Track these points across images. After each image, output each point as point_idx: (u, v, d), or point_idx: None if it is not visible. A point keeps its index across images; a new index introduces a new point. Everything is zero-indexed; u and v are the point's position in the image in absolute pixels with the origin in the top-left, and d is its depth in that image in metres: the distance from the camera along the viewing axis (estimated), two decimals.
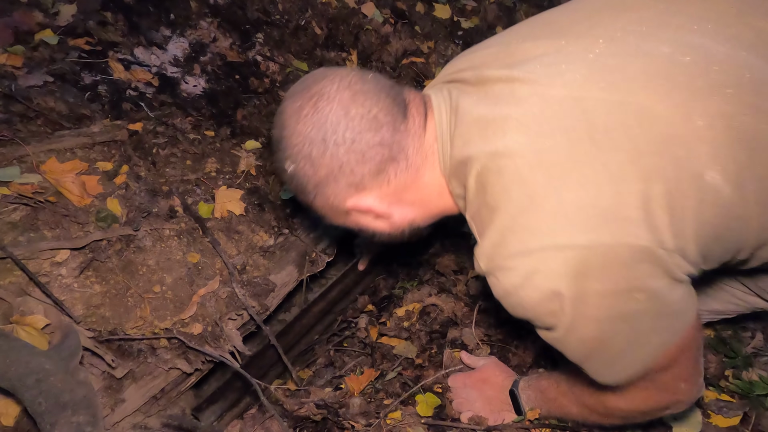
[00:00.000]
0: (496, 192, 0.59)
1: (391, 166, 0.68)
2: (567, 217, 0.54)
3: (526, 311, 0.61)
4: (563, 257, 0.54)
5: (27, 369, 0.79)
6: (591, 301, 0.56)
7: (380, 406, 1.06)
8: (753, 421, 1.01)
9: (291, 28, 1.58)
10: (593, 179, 0.54)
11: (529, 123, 0.58)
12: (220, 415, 1.21)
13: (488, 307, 1.27)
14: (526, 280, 0.57)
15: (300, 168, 0.69)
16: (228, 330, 1.15)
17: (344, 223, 0.78)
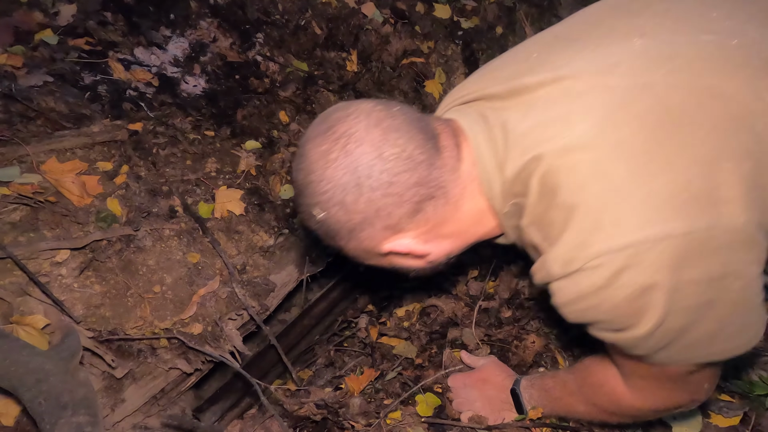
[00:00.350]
0: (572, 190, 0.54)
1: (430, 204, 0.64)
2: (659, 206, 0.51)
3: (601, 314, 0.57)
4: (659, 249, 0.50)
5: (27, 369, 0.79)
6: (686, 291, 0.53)
7: (380, 406, 1.06)
8: (753, 421, 1.01)
9: (291, 28, 1.58)
10: (680, 163, 0.51)
11: (598, 114, 0.54)
12: (221, 416, 1.21)
13: (488, 307, 1.28)
14: (614, 279, 0.53)
15: (332, 215, 0.63)
16: (228, 330, 1.15)
17: (378, 263, 0.74)
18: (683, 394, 0.70)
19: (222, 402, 1.20)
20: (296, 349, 1.47)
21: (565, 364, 1.15)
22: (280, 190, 1.35)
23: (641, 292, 0.52)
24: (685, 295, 0.53)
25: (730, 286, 0.53)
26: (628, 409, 0.76)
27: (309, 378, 1.36)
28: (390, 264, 0.74)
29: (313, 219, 0.66)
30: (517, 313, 1.25)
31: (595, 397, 0.80)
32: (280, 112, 1.47)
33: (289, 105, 1.49)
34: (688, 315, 0.54)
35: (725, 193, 0.51)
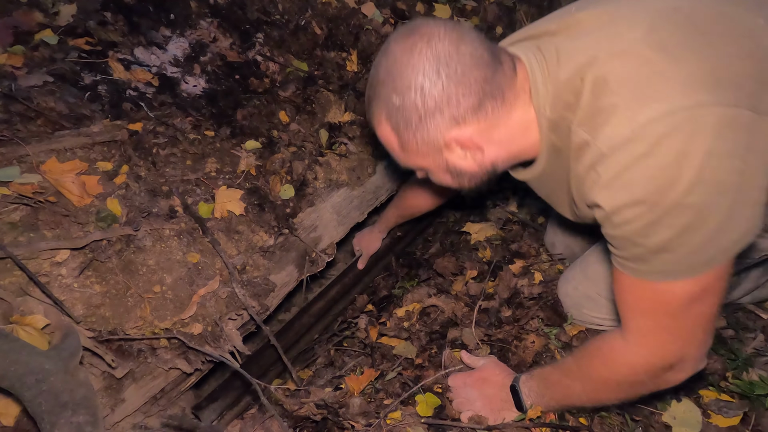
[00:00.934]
0: (621, 77, 0.64)
1: (489, 102, 0.74)
2: (694, 83, 0.61)
3: (635, 190, 0.63)
4: (695, 116, 0.59)
5: (27, 369, 0.79)
6: (713, 164, 0.60)
7: (380, 406, 1.06)
8: (753, 421, 1.02)
9: (291, 28, 1.58)
10: (707, 56, 0.62)
11: (642, 27, 0.66)
12: (220, 413, 1.22)
13: (488, 307, 1.28)
14: (654, 147, 0.61)
15: (410, 99, 0.73)
16: (228, 330, 1.15)
17: (431, 164, 0.82)
18: (677, 341, 0.73)
19: (221, 400, 1.20)
20: (296, 349, 1.47)
21: None
22: (280, 190, 1.35)
23: (676, 158, 0.60)
24: (712, 168, 0.60)
25: (739, 167, 0.61)
26: (622, 368, 0.79)
27: (309, 378, 1.36)
28: (443, 164, 0.82)
29: (389, 108, 0.76)
30: (517, 313, 1.25)
31: (591, 368, 0.85)
32: (280, 112, 1.47)
33: (289, 105, 1.49)
34: (708, 192, 0.61)
35: (747, 84, 0.62)
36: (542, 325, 1.21)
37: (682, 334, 0.73)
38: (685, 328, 0.73)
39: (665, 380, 0.79)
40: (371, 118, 0.82)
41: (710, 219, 0.63)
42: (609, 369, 0.82)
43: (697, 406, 1.04)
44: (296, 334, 1.44)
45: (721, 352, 1.16)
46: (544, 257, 1.46)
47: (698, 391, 1.10)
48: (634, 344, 0.77)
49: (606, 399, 0.88)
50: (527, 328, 1.21)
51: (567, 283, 1.24)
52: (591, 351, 0.86)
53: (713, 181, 0.61)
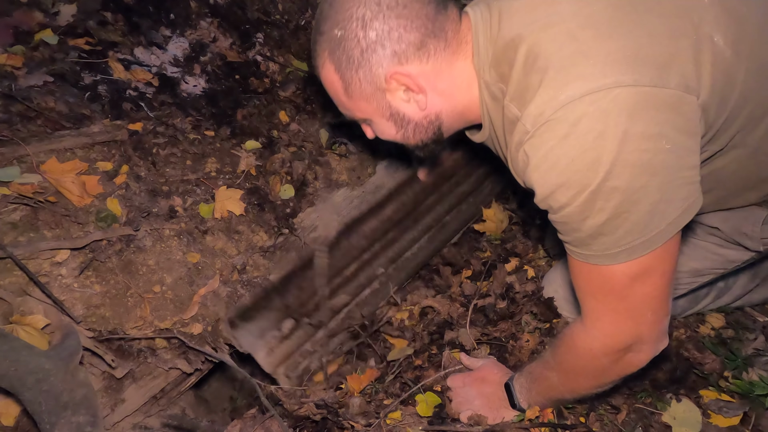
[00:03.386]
0: (549, 54, 0.64)
1: (432, 42, 0.73)
2: (615, 62, 0.61)
3: (561, 173, 0.64)
4: (612, 96, 0.60)
5: (27, 369, 0.79)
6: (631, 144, 0.60)
7: (380, 406, 1.06)
8: (753, 421, 1.02)
9: (291, 28, 1.58)
10: (635, 34, 0.63)
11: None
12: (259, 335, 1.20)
13: (484, 305, 1.27)
14: (574, 127, 0.61)
15: (350, 31, 0.72)
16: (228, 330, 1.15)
17: (374, 110, 0.80)
18: (627, 322, 0.74)
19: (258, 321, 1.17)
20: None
21: None
22: (280, 190, 1.35)
23: (595, 140, 0.60)
24: (630, 148, 0.60)
25: (663, 147, 0.61)
26: (583, 353, 0.81)
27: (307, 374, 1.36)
28: (386, 110, 0.80)
29: (331, 44, 0.75)
30: (511, 308, 1.25)
31: (560, 356, 0.87)
32: (280, 112, 1.47)
33: (289, 105, 1.49)
34: (632, 173, 0.62)
35: (666, 61, 0.62)
36: (534, 320, 1.22)
37: (631, 314, 0.74)
38: (634, 308, 0.73)
39: (628, 363, 0.79)
40: (316, 61, 0.81)
41: (641, 201, 0.63)
42: (574, 356, 0.84)
43: (697, 406, 1.04)
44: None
45: (720, 352, 1.16)
46: (541, 253, 1.46)
47: (698, 391, 1.10)
48: (591, 328, 0.78)
49: (579, 388, 0.89)
50: (522, 326, 1.21)
51: (548, 285, 1.26)
52: (560, 340, 0.88)
53: (635, 162, 0.61)
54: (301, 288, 1.25)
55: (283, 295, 1.22)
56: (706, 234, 1.00)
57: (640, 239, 0.66)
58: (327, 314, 1.26)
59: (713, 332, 1.25)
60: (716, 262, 1.03)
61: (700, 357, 1.14)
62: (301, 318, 1.22)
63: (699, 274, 1.07)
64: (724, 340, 1.21)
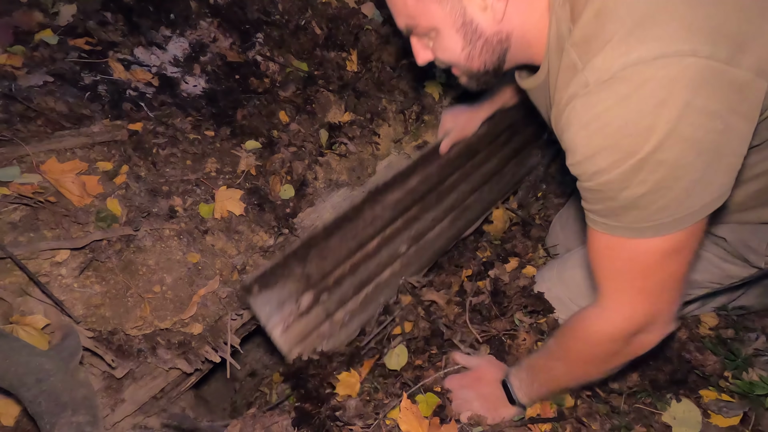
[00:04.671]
0: (630, 6, 0.58)
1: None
2: (697, 30, 0.56)
3: (611, 135, 0.60)
4: (684, 64, 0.56)
5: (27, 369, 0.79)
6: (690, 118, 0.57)
7: (379, 407, 1.05)
8: (753, 421, 1.02)
9: (291, 28, 1.58)
10: (726, 6, 0.57)
11: None
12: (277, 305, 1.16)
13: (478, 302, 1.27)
14: (637, 90, 0.57)
15: None
16: (228, 330, 1.15)
17: (446, 17, 0.72)
18: (648, 301, 0.73)
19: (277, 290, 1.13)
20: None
21: None
22: (280, 190, 1.35)
23: (656, 106, 0.57)
24: (688, 123, 0.57)
25: (717, 127, 0.58)
26: (596, 340, 0.79)
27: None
28: (459, 19, 0.72)
29: None
30: (504, 303, 1.25)
31: (569, 345, 0.85)
32: (280, 112, 1.47)
33: (289, 105, 1.49)
34: (683, 148, 0.59)
35: (750, 45, 0.57)
36: (527, 317, 1.22)
37: (653, 293, 0.72)
38: (656, 286, 0.72)
39: (639, 345, 0.78)
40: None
41: (683, 178, 0.61)
42: (583, 342, 0.82)
43: (697, 406, 1.04)
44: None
45: (720, 353, 1.16)
46: (541, 252, 1.46)
47: (698, 391, 1.10)
48: (608, 309, 0.76)
49: (588, 375, 0.88)
50: (516, 323, 1.22)
51: (542, 283, 1.26)
52: (568, 328, 0.86)
53: (689, 137, 0.58)
54: (323, 257, 1.19)
55: (304, 264, 1.16)
56: (711, 243, 0.99)
57: (672, 217, 0.64)
58: (348, 291, 1.23)
59: (713, 332, 1.25)
60: (715, 276, 1.03)
61: (701, 359, 1.14)
62: (321, 293, 1.18)
63: (697, 286, 1.07)
64: (724, 340, 1.21)
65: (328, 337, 1.19)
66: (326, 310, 1.20)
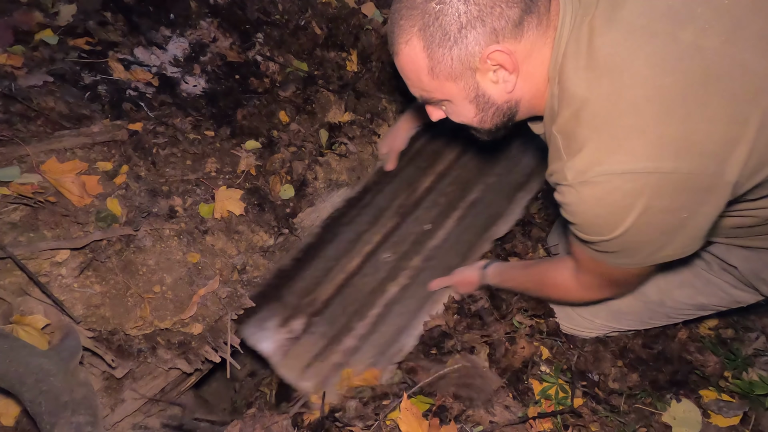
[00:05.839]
0: (607, 114, 0.65)
1: (527, 19, 0.70)
2: (663, 147, 0.63)
3: (588, 217, 0.72)
4: (648, 180, 0.64)
5: (27, 369, 0.79)
6: (652, 216, 0.67)
7: (379, 407, 1.05)
8: (753, 421, 1.02)
9: (291, 28, 1.58)
10: (693, 118, 0.63)
11: (656, 60, 0.64)
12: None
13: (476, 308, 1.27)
14: (608, 195, 0.66)
15: (451, 5, 0.69)
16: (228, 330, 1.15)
17: (459, 91, 0.78)
18: (613, 291, 0.96)
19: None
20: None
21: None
22: (280, 190, 1.35)
23: (622, 209, 0.67)
24: (650, 218, 0.67)
25: (681, 216, 0.67)
26: (572, 298, 1.02)
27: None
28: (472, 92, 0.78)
29: (425, 19, 0.70)
30: (502, 307, 1.25)
31: (548, 290, 1.06)
32: (280, 112, 1.47)
33: (289, 105, 1.49)
34: (646, 233, 0.70)
35: (717, 149, 0.63)
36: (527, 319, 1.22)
37: (618, 288, 0.95)
38: (620, 287, 0.94)
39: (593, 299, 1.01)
40: (397, 38, 0.75)
41: (647, 248, 0.74)
42: (563, 296, 1.04)
43: (697, 406, 1.04)
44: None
45: (720, 353, 1.16)
46: (541, 252, 1.46)
47: (698, 391, 1.10)
48: (585, 290, 0.96)
49: (546, 298, 1.16)
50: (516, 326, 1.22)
51: (552, 240, 1.27)
52: (551, 283, 1.03)
53: (651, 226, 0.69)
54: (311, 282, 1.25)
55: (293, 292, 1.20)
56: (721, 270, 1.00)
57: (640, 264, 0.78)
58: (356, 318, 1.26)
59: (713, 332, 1.25)
60: (723, 301, 1.03)
61: (701, 359, 1.14)
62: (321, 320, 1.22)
63: (703, 308, 1.07)
64: (724, 340, 1.21)
65: (341, 366, 1.18)
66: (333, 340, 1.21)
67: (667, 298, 1.06)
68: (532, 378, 1.12)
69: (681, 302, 1.06)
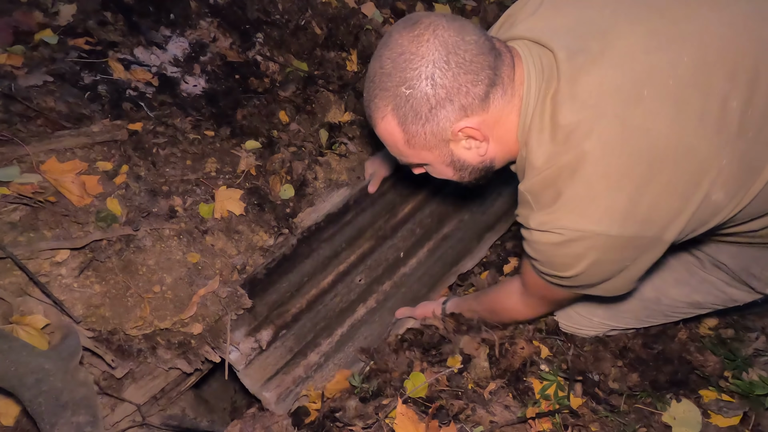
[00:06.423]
0: (564, 184, 0.74)
1: (493, 92, 0.76)
2: (612, 216, 0.73)
3: (546, 256, 0.81)
4: (596, 240, 0.74)
5: (27, 369, 0.79)
6: (600, 266, 0.79)
7: (379, 407, 1.05)
8: (753, 421, 1.02)
9: (291, 28, 1.58)
10: (641, 193, 0.71)
11: (608, 140, 0.71)
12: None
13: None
14: (565, 243, 0.76)
15: (420, 89, 0.73)
16: (228, 330, 1.15)
17: (435, 158, 0.84)
18: (554, 308, 1.15)
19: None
20: None
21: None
22: (280, 190, 1.35)
23: (575, 257, 0.78)
24: (597, 266, 0.79)
25: (624, 266, 0.79)
26: (520, 318, 1.15)
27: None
28: (447, 158, 0.84)
29: (397, 101, 0.75)
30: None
31: (499, 315, 1.18)
32: (280, 112, 1.47)
33: (289, 105, 1.49)
34: (593, 275, 0.81)
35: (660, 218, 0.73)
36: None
37: (556, 307, 1.14)
38: (559, 306, 1.13)
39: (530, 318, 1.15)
40: (373, 113, 0.81)
41: (593, 287, 0.86)
42: (511, 318, 1.16)
43: (697, 406, 1.04)
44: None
45: (720, 353, 1.16)
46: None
47: (698, 391, 1.10)
48: (529, 310, 1.08)
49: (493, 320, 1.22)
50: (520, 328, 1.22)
51: None
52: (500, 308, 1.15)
53: (599, 272, 0.81)
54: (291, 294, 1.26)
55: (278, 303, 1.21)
56: (713, 267, 1.01)
57: (578, 292, 0.90)
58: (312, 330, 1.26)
59: (713, 332, 1.25)
60: (719, 299, 1.04)
61: (701, 359, 1.14)
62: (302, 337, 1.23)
63: (699, 307, 1.07)
64: (724, 340, 1.21)
65: (304, 380, 1.19)
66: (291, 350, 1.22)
67: (663, 296, 1.07)
68: (532, 377, 1.12)
69: (677, 300, 1.07)
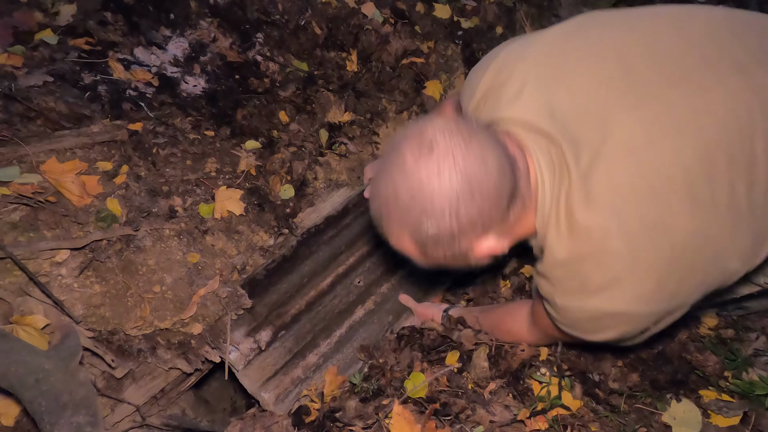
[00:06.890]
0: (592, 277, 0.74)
1: (512, 206, 0.74)
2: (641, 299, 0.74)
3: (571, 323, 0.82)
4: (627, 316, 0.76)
5: (27, 369, 0.79)
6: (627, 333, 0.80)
7: (379, 408, 1.05)
8: (753, 421, 1.02)
9: (291, 28, 1.58)
10: (667, 279, 0.73)
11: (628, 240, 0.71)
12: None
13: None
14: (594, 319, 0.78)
15: (444, 225, 0.70)
16: (228, 330, 1.15)
17: (452, 264, 0.81)
18: (551, 341, 1.10)
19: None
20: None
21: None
22: (280, 190, 1.35)
23: (603, 328, 0.80)
24: (623, 335, 0.80)
25: (650, 330, 0.80)
26: (521, 342, 1.14)
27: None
28: (465, 263, 0.81)
29: (418, 233, 0.72)
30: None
31: (501, 334, 1.17)
32: (280, 112, 1.47)
33: (289, 105, 1.49)
34: (616, 340, 0.82)
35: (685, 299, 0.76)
36: None
37: (558, 339, 1.06)
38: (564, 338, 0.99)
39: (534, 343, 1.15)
40: (387, 230, 0.77)
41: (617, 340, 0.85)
42: (511, 336, 1.15)
43: (697, 406, 1.04)
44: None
45: (721, 353, 1.16)
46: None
47: (698, 391, 1.10)
48: (533, 339, 1.09)
49: (499, 338, 1.19)
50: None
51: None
52: (505, 330, 1.15)
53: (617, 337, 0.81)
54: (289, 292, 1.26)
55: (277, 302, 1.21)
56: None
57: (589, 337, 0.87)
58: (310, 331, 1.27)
59: (713, 332, 1.24)
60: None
61: (701, 359, 1.14)
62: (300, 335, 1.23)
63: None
64: (724, 340, 1.21)
65: (303, 381, 1.18)
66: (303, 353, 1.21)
67: None
68: (532, 378, 1.12)
69: None
